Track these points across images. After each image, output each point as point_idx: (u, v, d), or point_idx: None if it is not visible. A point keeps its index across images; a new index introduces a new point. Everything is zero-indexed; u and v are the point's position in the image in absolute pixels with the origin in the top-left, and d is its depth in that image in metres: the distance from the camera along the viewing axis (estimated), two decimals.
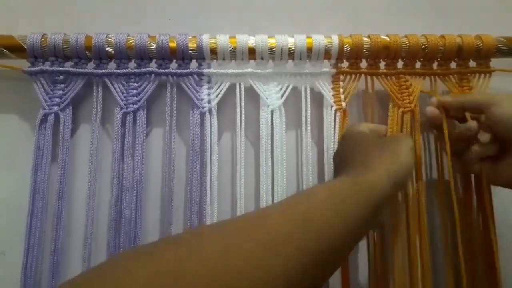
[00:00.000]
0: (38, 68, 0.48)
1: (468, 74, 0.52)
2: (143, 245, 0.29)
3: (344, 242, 0.33)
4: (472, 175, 0.51)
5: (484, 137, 0.47)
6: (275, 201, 0.48)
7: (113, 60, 0.49)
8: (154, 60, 0.49)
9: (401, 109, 0.50)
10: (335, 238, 0.31)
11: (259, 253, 0.27)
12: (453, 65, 0.52)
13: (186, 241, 0.29)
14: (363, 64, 0.52)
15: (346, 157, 0.43)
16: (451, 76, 0.52)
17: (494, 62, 0.52)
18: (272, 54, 0.49)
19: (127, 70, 0.49)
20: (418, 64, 0.52)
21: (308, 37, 0.49)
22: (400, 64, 0.52)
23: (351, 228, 0.33)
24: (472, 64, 0.52)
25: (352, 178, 0.38)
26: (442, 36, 0.50)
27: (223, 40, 0.48)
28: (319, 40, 0.49)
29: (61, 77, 0.48)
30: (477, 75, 0.52)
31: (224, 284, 0.25)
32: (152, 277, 0.24)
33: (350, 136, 0.46)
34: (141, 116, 0.49)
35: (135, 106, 0.49)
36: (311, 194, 0.36)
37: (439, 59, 0.52)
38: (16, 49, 0.47)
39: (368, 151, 0.41)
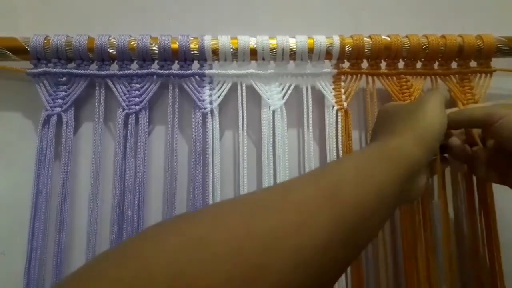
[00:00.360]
0: (41, 69, 0.48)
1: (469, 74, 0.52)
2: (163, 222, 0.28)
3: (376, 210, 0.31)
4: (474, 179, 0.50)
5: (489, 143, 0.44)
6: None
7: (116, 61, 0.49)
8: (156, 61, 0.49)
9: None
10: (367, 207, 0.30)
11: (286, 227, 0.26)
12: (454, 65, 0.52)
13: (208, 214, 0.27)
14: (364, 64, 0.52)
15: (377, 130, 0.43)
16: (452, 76, 0.52)
17: (495, 62, 0.52)
18: (274, 54, 0.49)
19: (129, 71, 0.49)
20: (419, 64, 0.52)
21: (309, 37, 0.49)
22: (401, 64, 0.52)
23: (383, 195, 0.31)
24: (473, 64, 0.52)
25: (376, 144, 0.37)
26: (443, 36, 0.51)
27: (224, 41, 0.49)
28: (320, 40, 0.49)
29: (64, 78, 0.49)
30: (478, 75, 0.52)
31: (250, 259, 0.23)
32: (178, 249, 0.23)
33: (387, 109, 0.44)
34: (143, 117, 0.49)
35: (137, 107, 0.49)
36: (338, 164, 0.35)
37: (440, 59, 0.52)
38: (19, 50, 0.47)
39: (396, 118, 0.40)
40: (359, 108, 0.54)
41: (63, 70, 0.48)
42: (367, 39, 0.50)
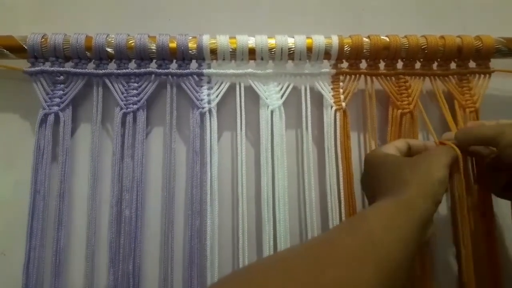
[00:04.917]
0: (39, 68, 0.48)
1: (468, 75, 0.52)
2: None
3: (404, 257, 0.34)
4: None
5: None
6: (276, 200, 0.48)
7: (113, 60, 0.49)
8: (154, 61, 0.49)
9: (399, 110, 0.51)
10: (399, 254, 0.33)
11: (342, 279, 0.29)
12: (452, 65, 0.52)
13: (276, 268, 0.30)
14: (363, 64, 0.52)
15: (378, 183, 0.43)
16: (450, 77, 0.52)
17: (494, 63, 0.52)
18: (272, 54, 0.49)
19: (127, 70, 0.49)
20: (417, 65, 0.52)
21: (308, 37, 0.49)
22: (399, 65, 0.52)
23: (407, 242, 0.35)
24: (471, 64, 0.52)
25: (391, 199, 0.39)
26: (442, 37, 0.50)
27: (223, 41, 0.48)
28: (319, 40, 0.49)
29: (61, 77, 0.49)
30: (477, 75, 0.52)
31: None
32: None
33: (377, 160, 0.45)
34: (141, 116, 0.49)
35: (135, 106, 0.49)
36: (363, 217, 0.38)
37: (438, 60, 0.52)
38: (16, 49, 0.47)
39: (400, 173, 0.41)
40: (357, 108, 0.54)
41: (61, 68, 0.48)
42: (366, 39, 0.50)
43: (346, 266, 0.30)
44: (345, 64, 0.51)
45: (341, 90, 0.51)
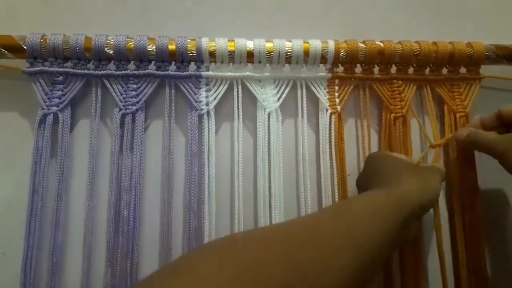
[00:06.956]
0: (38, 68, 0.48)
1: (459, 80, 0.54)
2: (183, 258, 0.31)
3: (382, 249, 0.35)
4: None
5: None
6: (272, 202, 0.49)
7: (113, 61, 0.49)
8: (153, 62, 0.50)
9: (392, 114, 0.52)
10: (377, 245, 0.34)
11: (317, 261, 0.30)
12: (444, 71, 0.54)
13: (256, 242, 0.31)
14: (358, 69, 0.53)
15: (373, 177, 0.45)
16: (442, 82, 0.54)
17: (484, 69, 0.54)
18: (270, 57, 0.50)
19: (126, 71, 0.49)
20: (410, 70, 0.53)
21: (305, 42, 0.50)
22: (393, 70, 0.53)
23: (389, 235, 0.36)
24: (462, 70, 0.54)
25: (384, 191, 0.41)
26: (435, 43, 0.52)
27: (222, 44, 0.49)
28: (316, 45, 0.50)
29: (60, 77, 0.49)
30: (467, 81, 0.54)
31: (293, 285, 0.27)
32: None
33: (379, 159, 0.48)
34: (140, 117, 0.50)
35: (134, 107, 0.49)
36: (350, 204, 0.39)
37: (431, 65, 0.53)
38: (15, 49, 0.47)
39: (401, 171, 0.44)
40: (354, 111, 0.55)
41: (60, 69, 0.48)
42: (361, 44, 0.51)
43: (324, 250, 0.31)
44: (340, 69, 0.52)
45: (336, 94, 0.52)
